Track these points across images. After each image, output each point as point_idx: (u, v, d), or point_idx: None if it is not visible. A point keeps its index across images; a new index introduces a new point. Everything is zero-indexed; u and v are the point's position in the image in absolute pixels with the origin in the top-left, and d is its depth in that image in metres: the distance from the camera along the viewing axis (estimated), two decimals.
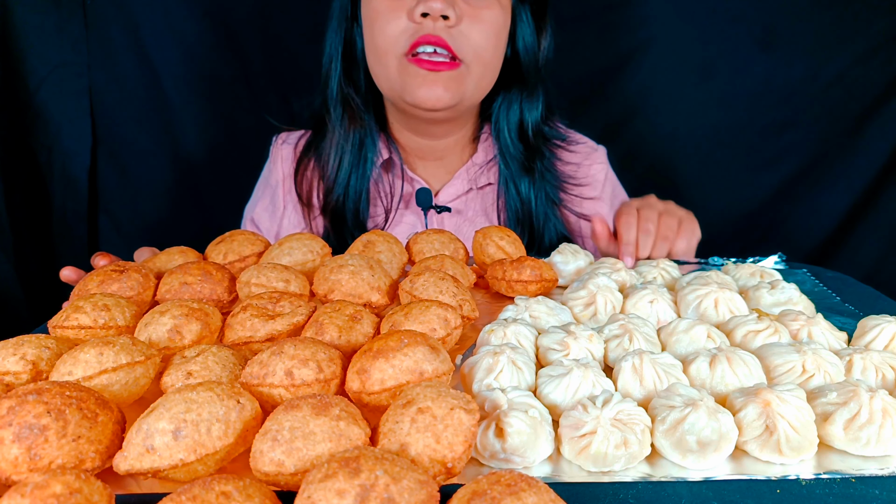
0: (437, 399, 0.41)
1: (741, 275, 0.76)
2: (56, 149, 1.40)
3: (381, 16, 0.91)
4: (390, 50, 0.92)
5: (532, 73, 1.03)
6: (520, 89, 1.04)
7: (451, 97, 0.93)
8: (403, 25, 0.90)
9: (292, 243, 0.74)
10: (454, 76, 0.92)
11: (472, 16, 0.91)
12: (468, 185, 1.08)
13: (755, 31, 1.37)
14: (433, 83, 0.91)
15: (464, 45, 0.91)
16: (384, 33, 0.91)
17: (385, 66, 0.94)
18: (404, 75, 0.92)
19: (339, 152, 1.04)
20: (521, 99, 1.04)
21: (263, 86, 1.46)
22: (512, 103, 1.05)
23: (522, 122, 1.05)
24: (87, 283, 0.66)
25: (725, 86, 1.42)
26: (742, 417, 0.46)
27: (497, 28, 0.93)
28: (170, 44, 1.41)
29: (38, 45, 1.34)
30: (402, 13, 0.90)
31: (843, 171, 1.42)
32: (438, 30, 0.89)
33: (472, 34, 0.91)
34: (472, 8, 0.91)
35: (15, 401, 0.40)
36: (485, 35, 0.92)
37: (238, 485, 0.35)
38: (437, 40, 0.89)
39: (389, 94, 0.99)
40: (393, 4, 0.91)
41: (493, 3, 0.92)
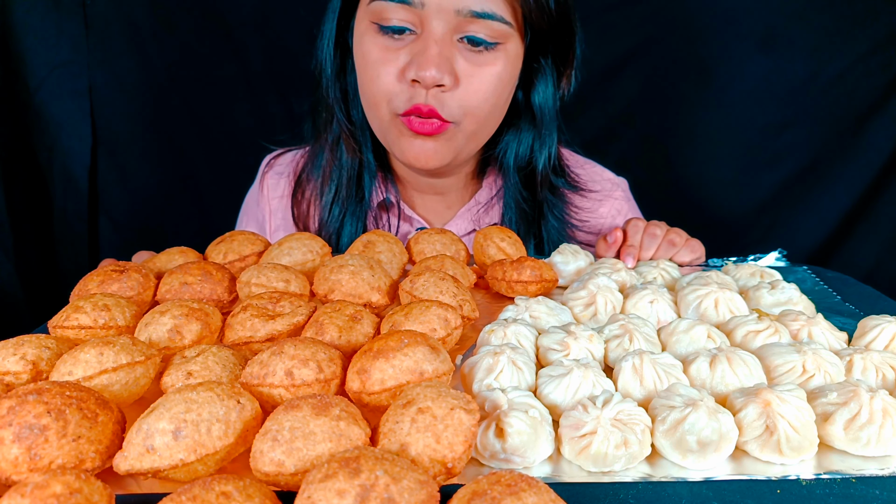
0: (437, 399, 0.41)
1: (741, 275, 0.76)
2: (56, 149, 1.40)
3: (371, 66, 0.84)
4: (381, 105, 0.85)
5: (546, 123, 0.96)
6: (531, 133, 0.97)
7: (442, 158, 0.87)
8: (395, 85, 0.83)
9: (292, 243, 0.74)
10: (445, 136, 0.86)
11: (471, 75, 0.82)
12: (471, 226, 1.02)
13: (755, 31, 1.38)
14: (423, 144, 0.85)
15: (455, 109, 0.83)
16: (374, 86, 0.84)
17: (376, 118, 0.88)
18: (395, 133, 0.87)
19: (336, 184, 0.98)
20: (532, 143, 0.97)
21: (263, 86, 1.46)
22: (521, 144, 0.97)
23: (531, 164, 0.98)
24: (87, 283, 0.66)
25: (725, 86, 1.42)
26: (742, 417, 0.46)
27: (500, 85, 0.85)
28: (170, 44, 1.41)
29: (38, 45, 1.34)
30: (395, 67, 0.82)
31: (843, 171, 1.42)
32: (431, 97, 0.81)
33: (469, 96, 0.83)
34: (473, 66, 0.82)
35: (15, 401, 0.40)
36: (483, 96, 0.84)
37: (238, 485, 0.35)
38: (430, 111, 0.82)
39: (381, 140, 0.92)
40: (384, 55, 0.82)
41: (498, 57, 0.83)
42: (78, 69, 1.38)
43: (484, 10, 0.79)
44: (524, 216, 0.99)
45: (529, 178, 0.99)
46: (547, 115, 0.96)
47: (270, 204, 1.07)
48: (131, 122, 1.45)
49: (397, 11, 0.80)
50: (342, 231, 0.99)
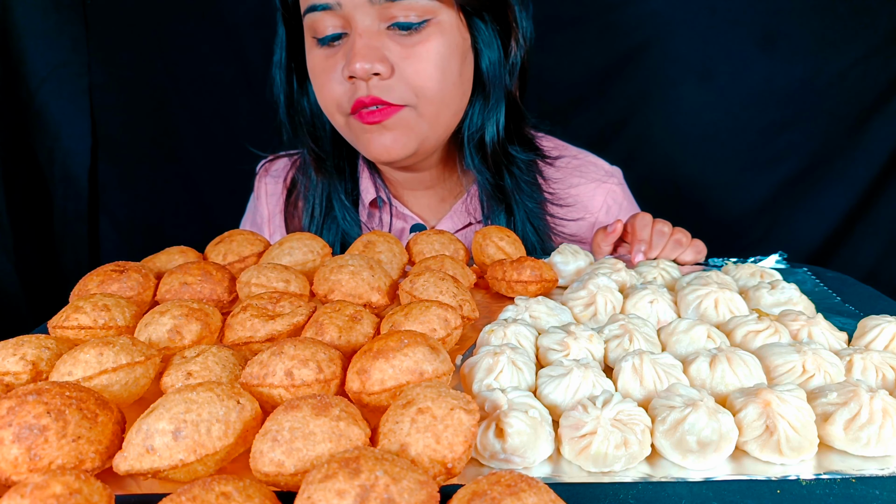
0: (437, 399, 0.41)
1: (741, 275, 0.76)
2: (56, 149, 1.41)
3: (318, 77, 0.86)
4: (334, 111, 0.87)
5: (491, 85, 0.91)
6: (482, 103, 0.92)
7: (404, 146, 0.86)
8: (339, 87, 0.84)
9: (293, 243, 0.74)
10: (399, 122, 0.85)
11: (406, 56, 0.81)
12: (467, 219, 1.01)
13: (755, 31, 1.38)
14: (380, 135, 0.85)
15: (403, 90, 0.83)
16: (323, 95, 0.87)
17: (337, 125, 0.90)
18: (354, 133, 0.88)
19: (311, 202, 0.99)
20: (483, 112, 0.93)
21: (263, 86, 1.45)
22: (473, 118, 0.93)
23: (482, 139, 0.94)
24: (86, 283, 0.66)
25: (725, 86, 1.42)
26: (742, 417, 0.46)
27: (441, 60, 0.83)
28: (170, 44, 1.41)
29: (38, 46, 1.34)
30: (336, 73, 0.84)
31: (843, 171, 1.42)
32: (372, 87, 0.81)
33: (411, 77, 0.82)
34: (406, 47, 0.81)
35: (15, 401, 0.40)
36: (426, 72, 0.82)
37: (238, 485, 0.35)
38: (372, 100, 0.82)
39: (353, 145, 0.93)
40: (325, 63, 0.85)
41: (431, 33, 0.82)
42: (78, 69, 1.38)
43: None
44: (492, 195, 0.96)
45: (480, 149, 0.95)
46: (493, 80, 0.91)
47: (269, 208, 1.08)
48: (131, 122, 1.45)
49: (326, 19, 0.82)
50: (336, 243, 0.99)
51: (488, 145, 0.94)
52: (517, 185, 0.96)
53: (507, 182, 0.96)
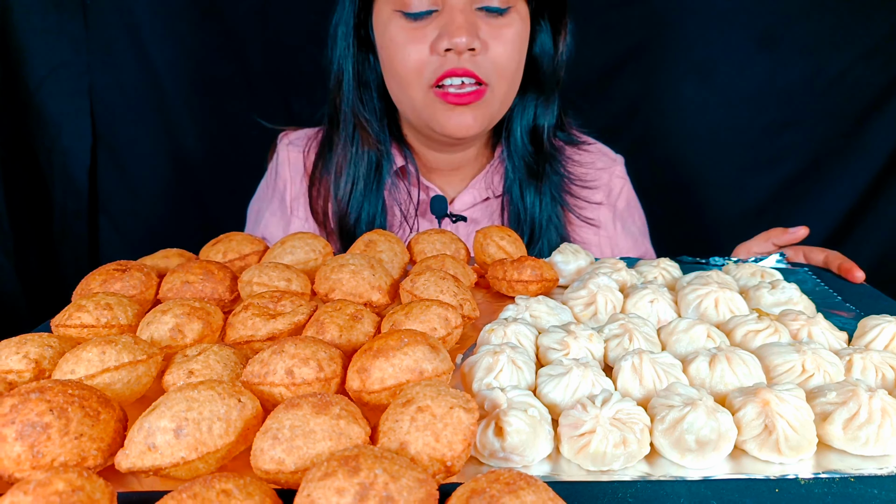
0: (436, 398, 0.41)
1: (742, 275, 0.76)
2: (56, 149, 1.40)
3: (401, 47, 0.88)
4: (413, 81, 0.89)
5: (549, 78, 1.01)
6: (535, 94, 1.02)
7: (481, 124, 0.92)
8: (426, 57, 0.87)
9: (294, 242, 0.74)
10: (482, 102, 0.90)
11: (494, 37, 0.88)
12: (486, 193, 1.06)
13: (755, 31, 1.38)
14: (461, 115, 0.90)
15: (489, 69, 0.89)
16: (405, 65, 0.89)
17: (409, 97, 0.92)
18: (431, 107, 0.90)
19: (352, 175, 1.00)
20: (537, 104, 1.02)
21: (263, 86, 1.46)
22: (527, 107, 1.02)
23: (536, 127, 1.03)
24: (89, 282, 0.66)
25: (725, 86, 1.42)
26: (741, 417, 0.46)
27: (519, 43, 0.91)
28: (170, 44, 1.41)
29: (38, 46, 1.34)
30: (424, 44, 0.87)
31: (843, 171, 1.42)
32: (464, 61, 0.87)
33: (496, 56, 0.89)
34: (494, 28, 0.88)
35: (18, 399, 0.40)
36: (508, 54, 0.90)
37: (239, 483, 0.35)
38: (465, 72, 0.87)
39: (415, 121, 0.96)
40: (412, 35, 0.88)
41: (514, 18, 0.90)
42: (78, 69, 1.38)
43: None
44: (527, 171, 1.03)
45: (535, 139, 1.03)
46: (548, 70, 1.00)
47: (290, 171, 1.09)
48: (131, 122, 1.45)
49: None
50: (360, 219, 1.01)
51: (542, 134, 1.03)
52: (553, 168, 1.04)
53: (546, 165, 1.03)
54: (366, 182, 1.01)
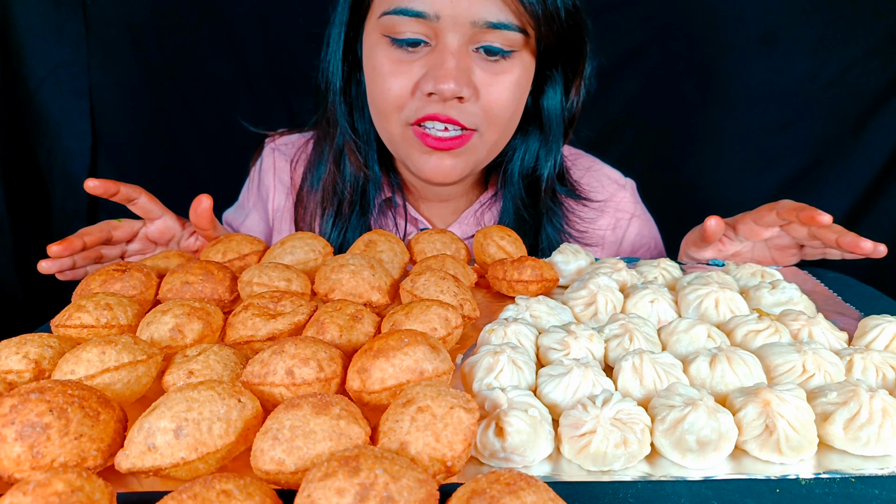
0: (436, 398, 0.41)
1: (742, 274, 0.76)
2: (56, 149, 1.40)
3: (383, 77, 0.81)
4: (392, 116, 0.83)
5: (554, 129, 0.94)
6: (538, 139, 0.95)
7: (462, 171, 0.86)
8: (408, 94, 0.80)
9: (294, 242, 0.74)
10: (465, 148, 0.84)
11: (489, 84, 0.81)
12: (475, 228, 1.01)
13: (755, 31, 1.38)
14: (440, 159, 0.83)
15: (477, 115, 0.82)
16: (385, 97, 0.82)
17: (386, 131, 0.86)
18: (408, 146, 0.84)
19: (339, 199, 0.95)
20: (539, 150, 0.95)
21: (263, 86, 1.46)
22: (528, 153, 0.96)
23: (537, 175, 0.96)
24: (89, 282, 0.66)
25: (726, 86, 1.42)
26: (742, 417, 0.46)
27: (518, 89, 0.84)
28: (170, 44, 1.41)
29: (38, 45, 1.34)
30: (408, 79, 0.80)
31: (843, 171, 1.42)
32: (449, 108, 0.79)
33: (489, 103, 0.81)
34: (490, 75, 0.81)
35: (17, 399, 0.40)
36: (504, 102, 0.82)
37: (239, 483, 0.35)
38: (447, 119, 0.80)
39: (394, 153, 0.90)
40: (397, 67, 0.80)
41: (514, 64, 0.82)
42: (78, 69, 1.38)
43: (500, 20, 0.78)
44: (522, 223, 0.97)
45: (533, 185, 0.97)
46: (555, 121, 0.94)
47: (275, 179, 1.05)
48: (131, 122, 1.45)
49: (411, 24, 0.78)
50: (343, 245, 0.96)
51: (543, 182, 0.96)
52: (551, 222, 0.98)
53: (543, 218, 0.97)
54: (351, 207, 0.95)
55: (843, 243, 0.74)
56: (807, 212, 0.75)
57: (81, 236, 0.76)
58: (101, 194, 0.76)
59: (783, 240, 0.83)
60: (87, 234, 0.77)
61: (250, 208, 1.09)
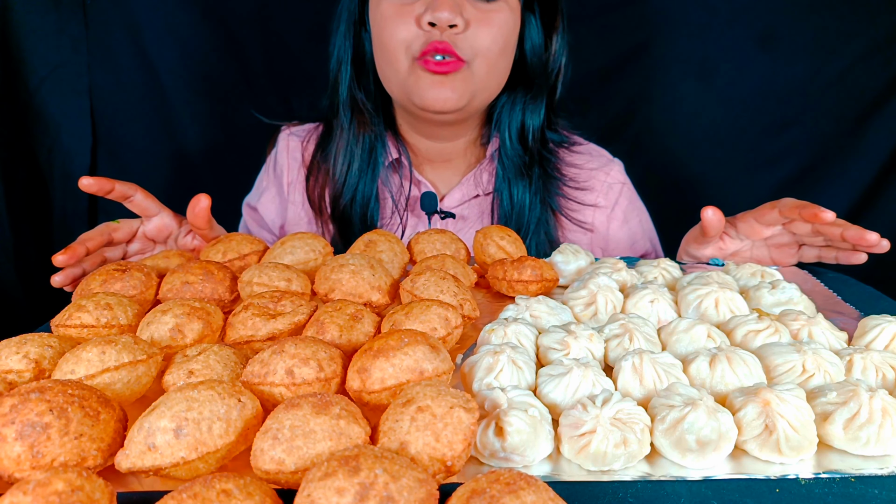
0: (436, 398, 0.41)
1: (742, 274, 0.76)
2: (56, 149, 1.40)
3: (389, 21, 0.93)
4: (400, 54, 0.93)
5: (538, 76, 1.03)
6: (524, 91, 1.04)
7: (459, 98, 0.94)
8: (413, 31, 0.92)
9: (294, 242, 0.74)
10: (460, 77, 0.93)
11: (479, 20, 0.92)
12: (476, 191, 1.08)
13: (755, 31, 1.37)
14: (441, 86, 0.93)
15: (468, 48, 0.92)
16: (393, 38, 0.93)
17: (395, 70, 0.95)
18: (414, 79, 0.94)
19: (349, 157, 1.04)
20: (525, 101, 1.04)
21: (263, 86, 1.46)
22: (515, 105, 1.04)
23: (524, 126, 1.05)
24: (89, 282, 0.66)
25: (725, 86, 1.42)
26: (742, 417, 0.46)
27: (505, 30, 0.94)
28: (170, 44, 1.41)
29: (38, 46, 1.34)
30: (411, 18, 0.92)
31: (843, 171, 1.42)
32: (446, 37, 0.90)
33: (479, 37, 0.92)
34: (481, 12, 0.92)
35: (17, 399, 0.40)
36: (491, 37, 0.93)
37: (239, 483, 0.35)
38: (444, 47, 0.90)
39: (399, 97, 0.99)
40: (400, 10, 0.92)
41: (503, 6, 0.94)
42: (78, 69, 1.38)
43: None
44: (517, 170, 1.04)
45: (522, 138, 1.05)
46: (536, 70, 1.03)
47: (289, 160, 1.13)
48: (131, 122, 1.45)
49: None
50: (355, 200, 1.04)
51: (529, 132, 1.05)
52: (543, 168, 1.06)
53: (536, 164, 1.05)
54: (360, 165, 1.04)
55: (849, 236, 0.75)
56: (809, 209, 0.76)
57: (83, 242, 0.78)
58: (95, 192, 0.79)
59: (783, 238, 0.84)
60: (89, 240, 0.79)
61: (266, 187, 1.16)
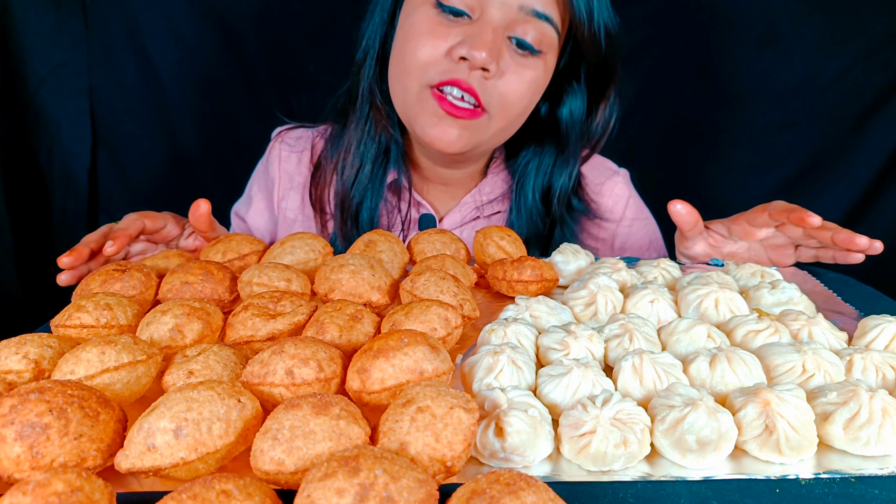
0: (436, 398, 0.41)
1: (742, 274, 0.76)
2: (56, 149, 1.40)
3: (418, 36, 0.84)
4: (415, 75, 0.85)
5: (567, 143, 0.98)
6: (553, 151, 0.99)
7: (465, 144, 0.87)
8: (439, 58, 0.83)
9: (294, 242, 0.74)
10: (473, 124, 0.86)
11: (513, 71, 0.85)
12: (475, 213, 1.04)
13: (755, 31, 1.37)
14: (449, 126, 0.85)
15: (494, 97, 0.85)
16: (415, 56, 0.84)
17: (404, 89, 0.88)
18: (421, 107, 0.86)
19: (361, 157, 0.98)
20: (554, 162, 0.99)
21: (263, 86, 1.46)
22: (542, 163, 1.00)
23: (551, 188, 1.00)
24: (89, 282, 0.66)
25: (725, 86, 1.42)
26: (742, 417, 0.46)
27: (535, 87, 0.88)
28: (170, 44, 1.41)
29: (38, 46, 1.34)
30: (443, 43, 0.83)
31: (843, 171, 1.42)
32: (473, 78, 0.83)
33: (507, 89, 0.85)
34: (517, 65, 0.85)
35: (17, 399, 0.40)
36: (520, 93, 0.86)
37: (238, 483, 0.35)
38: (469, 88, 0.83)
39: (402, 116, 0.93)
40: (435, 29, 0.83)
41: (539, 64, 0.86)
42: (78, 69, 1.38)
43: (546, 12, 0.83)
44: (535, 231, 1.01)
45: (546, 195, 1.01)
46: (572, 134, 0.98)
47: (280, 170, 1.08)
48: (131, 122, 1.45)
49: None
50: (362, 206, 0.99)
51: (555, 196, 1.00)
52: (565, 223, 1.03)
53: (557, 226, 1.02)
54: (373, 166, 0.98)
55: (839, 240, 0.74)
56: (797, 213, 0.75)
57: (87, 244, 0.77)
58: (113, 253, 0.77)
59: (779, 239, 0.84)
60: (93, 241, 0.78)
61: (255, 199, 1.12)
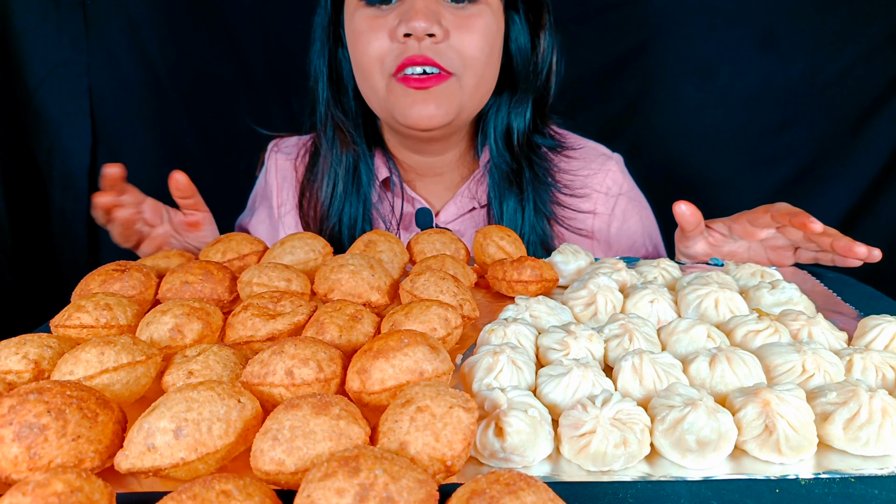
0: (436, 398, 0.41)
1: (742, 274, 0.76)
2: (56, 149, 1.40)
3: (363, 36, 0.86)
4: (376, 71, 0.87)
5: (522, 78, 0.97)
6: (509, 94, 0.98)
7: (445, 113, 0.88)
8: (387, 45, 0.85)
9: (294, 242, 0.74)
10: (445, 90, 0.87)
11: (460, 26, 0.85)
12: (471, 204, 1.03)
13: (755, 31, 1.38)
14: (424, 101, 0.86)
15: (453, 58, 0.85)
16: (367, 54, 0.87)
17: (373, 88, 0.89)
18: (393, 96, 0.87)
19: (333, 177, 0.99)
20: (510, 104, 0.98)
21: (263, 86, 1.46)
22: (500, 109, 0.99)
23: (509, 129, 0.99)
24: (88, 282, 0.66)
25: (725, 86, 1.42)
26: (741, 417, 0.46)
27: (489, 35, 0.88)
28: (170, 44, 1.41)
29: (38, 45, 1.34)
30: (384, 32, 0.85)
31: (843, 171, 1.42)
32: (424, 48, 0.83)
33: (461, 45, 0.85)
34: (460, 18, 0.85)
35: (16, 400, 0.40)
36: (475, 43, 0.86)
37: (238, 483, 0.35)
38: (424, 60, 0.84)
39: (381, 114, 0.94)
40: (373, 23, 0.86)
41: (483, 9, 0.87)
42: (78, 69, 1.38)
43: None
44: (506, 179, 0.99)
45: (508, 142, 1.00)
46: (522, 71, 0.96)
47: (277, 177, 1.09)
48: (131, 122, 1.45)
49: None
50: (342, 222, 1.00)
51: (514, 135, 0.99)
52: (534, 173, 1.00)
53: (525, 170, 0.99)
54: (345, 186, 0.99)
55: (838, 247, 0.74)
56: (799, 217, 0.75)
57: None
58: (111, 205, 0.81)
59: (779, 241, 0.84)
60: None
61: (256, 208, 1.13)
